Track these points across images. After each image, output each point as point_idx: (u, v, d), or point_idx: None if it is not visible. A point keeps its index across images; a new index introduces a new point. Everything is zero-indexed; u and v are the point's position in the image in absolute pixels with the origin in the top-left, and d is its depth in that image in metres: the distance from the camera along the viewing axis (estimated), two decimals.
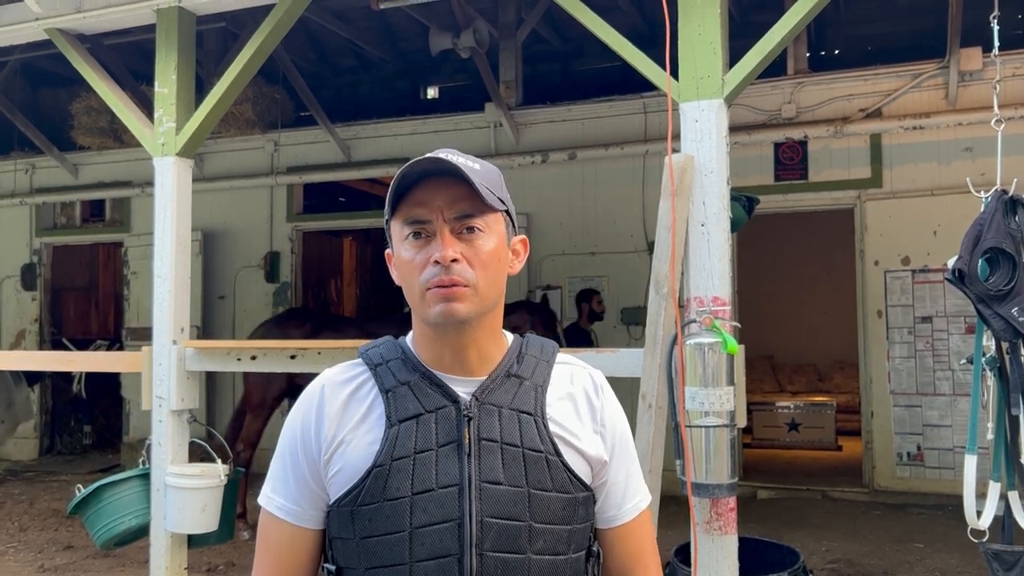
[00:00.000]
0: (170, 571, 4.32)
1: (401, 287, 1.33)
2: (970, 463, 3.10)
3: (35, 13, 4.73)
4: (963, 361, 5.90)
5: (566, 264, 8.18)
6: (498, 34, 8.17)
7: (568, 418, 1.33)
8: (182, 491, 4.17)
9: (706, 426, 3.04)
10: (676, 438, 3.11)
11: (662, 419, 3.21)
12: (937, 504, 6.87)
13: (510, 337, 1.38)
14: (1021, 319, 2.93)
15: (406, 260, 1.28)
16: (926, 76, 7.17)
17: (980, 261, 3.00)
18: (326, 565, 1.33)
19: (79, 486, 4.29)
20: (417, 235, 1.27)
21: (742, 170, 7.14)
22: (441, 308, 1.24)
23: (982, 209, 3.09)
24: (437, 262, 1.24)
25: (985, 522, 3.07)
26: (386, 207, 1.31)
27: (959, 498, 3.19)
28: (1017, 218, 3.06)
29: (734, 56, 3.48)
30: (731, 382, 3.07)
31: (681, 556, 3.39)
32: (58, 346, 10.09)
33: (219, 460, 4.30)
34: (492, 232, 1.29)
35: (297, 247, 9.33)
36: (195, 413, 4.49)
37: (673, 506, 3.83)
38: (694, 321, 3.21)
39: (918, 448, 7.18)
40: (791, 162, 7.61)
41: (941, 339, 7.15)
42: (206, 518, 4.20)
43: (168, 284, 4.41)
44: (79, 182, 10.03)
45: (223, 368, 4.61)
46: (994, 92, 3.43)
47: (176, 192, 4.47)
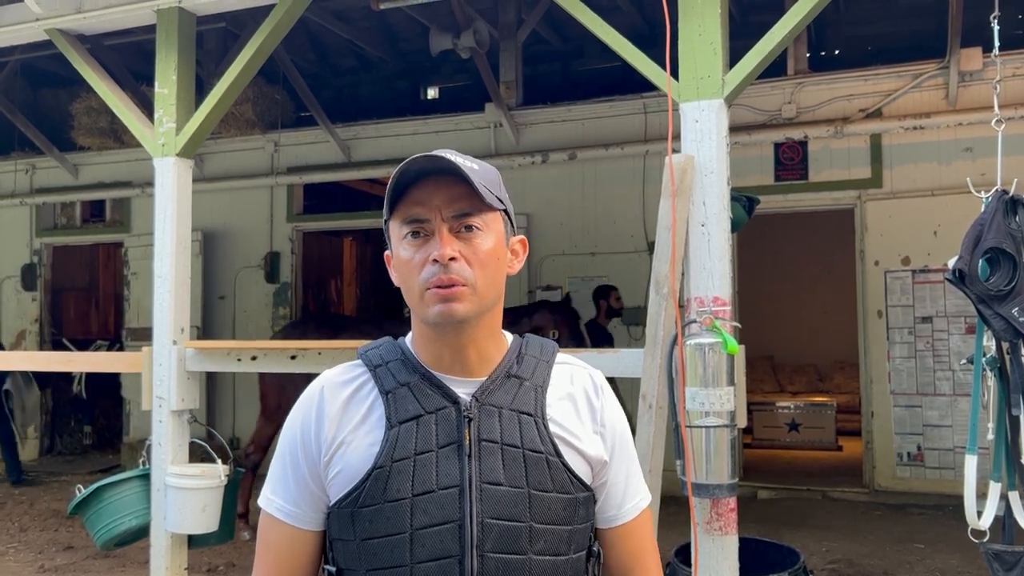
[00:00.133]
0: (170, 571, 4.32)
1: (400, 288, 1.32)
2: (970, 463, 3.10)
3: (35, 13, 4.73)
4: (963, 361, 5.91)
5: (566, 264, 8.18)
6: (498, 34, 8.17)
7: (568, 418, 1.33)
8: (182, 491, 4.17)
9: (706, 426, 3.04)
10: (676, 438, 3.11)
11: (662, 419, 3.21)
12: (937, 504, 6.86)
13: (509, 337, 1.38)
14: (1021, 319, 2.93)
15: (405, 259, 1.28)
16: (926, 76, 7.17)
17: (980, 261, 3.00)
18: (326, 567, 1.32)
19: (79, 486, 4.29)
20: (416, 234, 1.27)
21: (742, 170, 7.14)
22: (440, 308, 1.24)
23: (982, 209, 3.09)
24: (436, 261, 1.24)
25: (986, 522, 3.07)
26: (384, 207, 1.31)
27: (959, 498, 3.19)
28: (1017, 218, 3.06)
29: (734, 56, 3.48)
30: (731, 382, 3.07)
31: (681, 556, 3.40)
32: (58, 346, 10.09)
33: (219, 460, 4.30)
34: (491, 231, 1.29)
35: (297, 247, 9.32)
36: (195, 413, 4.50)
37: (673, 506, 3.83)
38: (694, 321, 3.21)
39: (918, 448, 7.17)
40: (791, 162, 7.61)
41: (941, 339, 7.14)
42: (206, 518, 4.20)
43: (168, 284, 4.42)
44: (79, 182, 10.03)
45: (223, 368, 4.61)
46: (994, 92, 3.43)
47: (176, 192, 4.48)
